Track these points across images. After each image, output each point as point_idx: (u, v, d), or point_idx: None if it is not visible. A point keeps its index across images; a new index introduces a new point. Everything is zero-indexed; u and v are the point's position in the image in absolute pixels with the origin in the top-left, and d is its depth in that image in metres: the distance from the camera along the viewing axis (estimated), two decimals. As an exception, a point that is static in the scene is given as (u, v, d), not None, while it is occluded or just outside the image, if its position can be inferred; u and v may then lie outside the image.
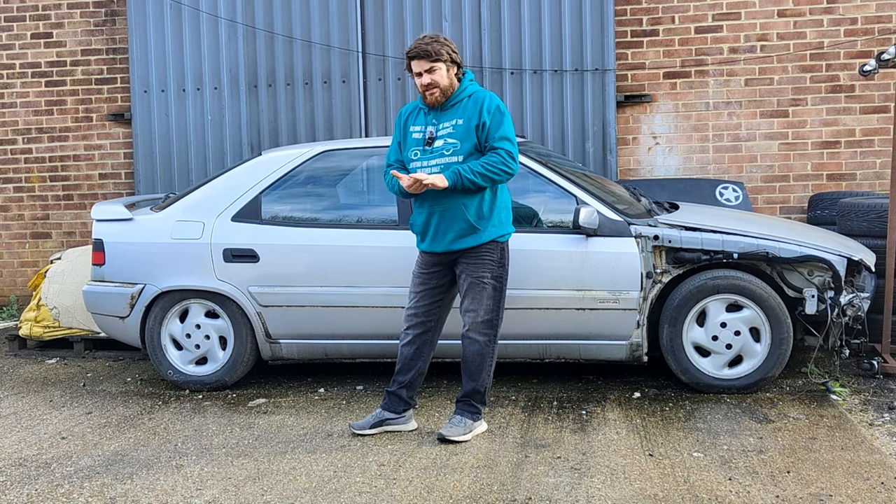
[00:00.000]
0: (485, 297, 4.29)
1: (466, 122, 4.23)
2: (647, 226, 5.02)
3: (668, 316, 5.01)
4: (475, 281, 4.29)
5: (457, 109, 4.28)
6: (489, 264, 4.29)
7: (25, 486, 3.95)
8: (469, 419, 4.41)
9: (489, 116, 4.21)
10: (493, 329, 4.35)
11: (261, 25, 7.69)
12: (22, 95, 8.28)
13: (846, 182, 7.41)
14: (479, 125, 4.22)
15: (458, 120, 4.25)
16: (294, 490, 3.80)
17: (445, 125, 4.28)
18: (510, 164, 4.19)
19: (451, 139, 4.24)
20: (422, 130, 4.34)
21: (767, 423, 4.49)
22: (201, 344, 5.41)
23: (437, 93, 4.25)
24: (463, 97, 4.29)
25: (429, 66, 4.21)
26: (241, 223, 5.32)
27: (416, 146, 4.34)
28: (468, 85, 4.34)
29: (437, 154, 4.27)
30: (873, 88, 7.33)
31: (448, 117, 4.29)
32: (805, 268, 4.97)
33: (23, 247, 8.43)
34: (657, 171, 7.59)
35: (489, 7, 7.47)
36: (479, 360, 4.36)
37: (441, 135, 4.27)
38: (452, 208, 4.24)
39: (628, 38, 7.54)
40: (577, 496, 3.63)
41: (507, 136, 4.22)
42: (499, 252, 4.32)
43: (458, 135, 4.24)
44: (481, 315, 4.31)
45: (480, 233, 4.26)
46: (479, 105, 4.23)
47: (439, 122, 4.30)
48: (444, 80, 4.24)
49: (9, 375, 6.05)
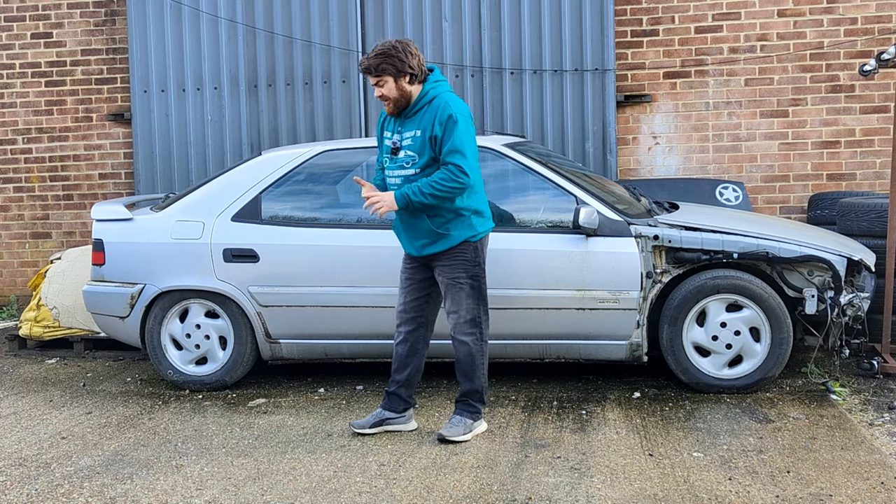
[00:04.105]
0: (464, 297, 4.29)
1: (423, 133, 4.22)
2: (647, 226, 5.02)
3: (668, 316, 5.01)
4: (451, 282, 4.30)
5: (418, 118, 4.25)
6: (463, 264, 4.29)
7: (25, 486, 3.95)
8: (468, 419, 4.41)
9: (441, 128, 4.16)
10: (477, 327, 4.35)
11: (261, 25, 7.69)
12: (22, 95, 8.28)
13: (846, 182, 7.40)
14: (432, 137, 4.19)
15: (417, 131, 4.24)
16: (294, 490, 3.80)
17: (407, 135, 4.28)
18: (460, 179, 4.12)
19: (411, 151, 4.25)
20: (391, 137, 4.36)
21: (767, 423, 4.49)
22: (201, 344, 5.42)
23: (390, 104, 4.26)
24: (423, 104, 4.25)
25: (375, 80, 4.22)
26: (241, 223, 5.32)
27: (387, 153, 4.38)
28: (430, 88, 4.26)
29: (398, 165, 4.30)
30: (873, 88, 7.33)
31: (411, 126, 4.27)
32: (805, 268, 4.97)
33: (23, 247, 8.43)
34: (657, 171, 7.59)
35: (489, 7, 7.47)
36: (469, 361, 4.36)
37: (404, 145, 4.28)
38: (416, 218, 4.27)
39: (628, 38, 7.54)
40: (577, 496, 3.64)
41: (459, 147, 4.13)
42: (472, 251, 4.30)
43: (416, 147, 4.24)
44: (463, 315, 4.31)
45: (449, 237, 4.26)
46: (433, 116, 4.19)
47: (403, 131, 4.30)
48: (394, 93, 4.21)
49: (9, 375, 6.05)
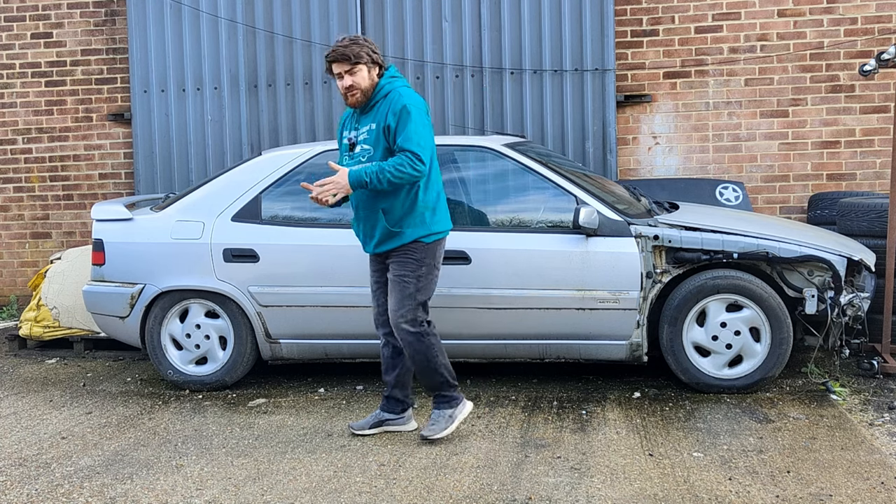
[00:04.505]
0: (405, 296, 4.25)
1: (377, 126, 4.22)
2: (647, 226, 5.02)
3: (668, 316, 5.01)
4: (396, 279, 4.28)
5: (374, 112, 4.25)
6: (411, 264, 4.26)
7: (25, 486, 3.95)
8: (447, 409, 4.37)
9: (394, 119, 4.16)
10: (420, 326, 4.27)
11: (261, 25, 7.69)
12: (22, 95, 8.28)
13: (846, 182, 7.40)
14: (385, 128, 4.19)
15: (372, 125, 4.24)
16: (294, 490, 3.80)
17: (363, 130, 4.28)
18: (417, 166, 4.10)
19: (367, 145, 4.25)
20: (347, 135, 4.37)
21: (767, 423, 4.49)
22: (201, 344, 5.42)
23: (358, 94, 4.23)
24: (379, 98, 4.25)
25: (349, 68, 4.19)
26: (241, 223, 5.32)
27: (345, 152, 4.38)
28: (385, 83, 4.27)
29: (355, 160, 4.28)
30: (873, 88, 7.33)
31: (367, 120, 4.28)
32: (805, 268, 4.97)
33: (23, 247, 8.43)
34: (657, 171, 7.59)
35: (489, 7, 7.47)
36: (423, 356, 4.28)
37: (360, 139, 4.29)
38: (373, 216, 4.28)
39: (628, 38, 7.54)
40: (577, 496, 3.64)
41: (413, 137, 4.12)
42: (422, 252, 4.27)
43: (371, 140, 4.24)
44: (405, 315, 4.24)
45: (401, 235, 4.25)
46: (388, 107, 4.19)
47: (360, 126, 4.30)
48: (366, 82, 4.21)
49: (9, 375, 6.05)
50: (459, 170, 5.39)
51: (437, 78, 7.55)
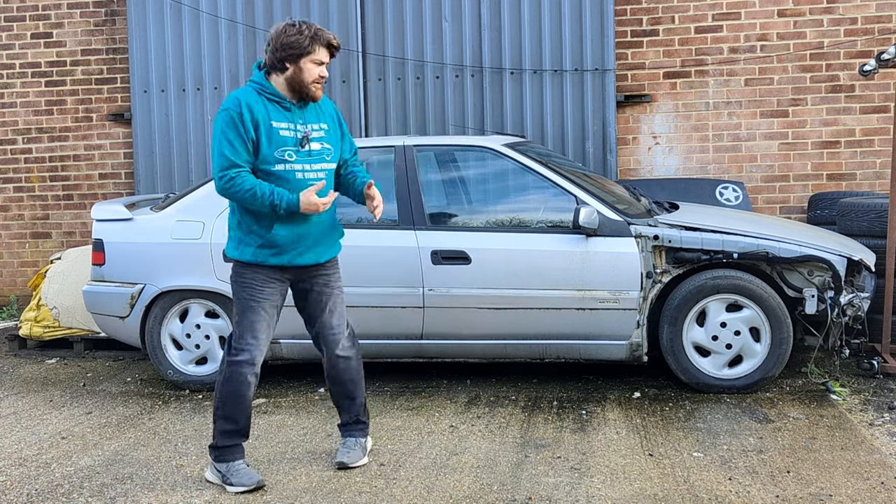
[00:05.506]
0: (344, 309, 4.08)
1: (332, 127, 3.96)
2: (647, 226, 5.02)
3: (668, 316, 5.01)
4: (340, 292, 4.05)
5: (312, 109, 3.91)
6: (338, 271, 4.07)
7: (25, 486, 3.95)
8: (361, 437, 4.14)
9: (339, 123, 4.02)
10: (356, 339, 4.13)
11: (261, 25, 7.69)
12: (22, 95, 8.28)
13: (846, 182, 7.41)
14: (340, 132, 4.02)
15: (324, 124, 3.93)
16: (294, 490, 3.80)
17: (314, 127, 3.88)
18: None
19: (328, 144, 3.91)
20: (290, 128, 3.81)
21: (767, 423, 4.49)
22: (201, 344, 5.42)
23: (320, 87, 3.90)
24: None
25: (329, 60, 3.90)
26: (241, 223, 5.31)
27: (289, 146, 3.79)
28: None
29: (318, 159, 3.87)
30: (873, 88, 7.33)
31: (311, 117, 3.88)
32: (805, 268, 4.97)
33: (23, 247, 8.43)
34: (657, 171, 7.59)
35: (489, 7, 7.47)
36: (358, 377, 4.10)
37: (314, 137, 3.87)
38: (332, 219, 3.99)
39: (628, 38, 7.54)
40: (577, 496, 3.64)
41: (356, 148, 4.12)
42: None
43: (332, 140, 3.95)
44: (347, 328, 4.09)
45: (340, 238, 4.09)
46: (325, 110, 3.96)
47: (307, 122, 3.86)
48: None
49: (9, 375, 6.05)
50: (459, 170, 5.39)
51: (437, 78, 7.55)
